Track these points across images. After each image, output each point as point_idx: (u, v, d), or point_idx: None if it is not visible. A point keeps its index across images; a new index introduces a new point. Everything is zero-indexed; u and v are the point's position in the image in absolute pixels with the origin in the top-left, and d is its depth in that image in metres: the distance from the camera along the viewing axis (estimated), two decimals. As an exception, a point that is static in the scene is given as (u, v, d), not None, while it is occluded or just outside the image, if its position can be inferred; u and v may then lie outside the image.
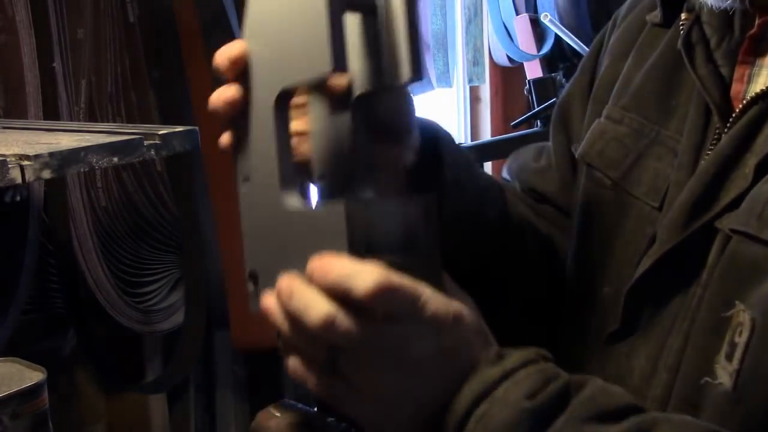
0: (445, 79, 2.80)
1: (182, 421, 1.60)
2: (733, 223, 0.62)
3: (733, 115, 0.67)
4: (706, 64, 0.70)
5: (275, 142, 0.58)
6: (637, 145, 0.76)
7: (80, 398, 1.38)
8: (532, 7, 3.35)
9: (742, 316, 0.60)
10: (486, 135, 3.41)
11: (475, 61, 3.07)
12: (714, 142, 0.68)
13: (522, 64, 3.41)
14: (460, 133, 3.34)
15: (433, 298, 0.53)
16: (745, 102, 0.65)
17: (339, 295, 0.51)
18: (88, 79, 1.26)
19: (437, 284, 0.55)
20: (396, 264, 0.53)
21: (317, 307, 0.51)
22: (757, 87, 0.67)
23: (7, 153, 0.61)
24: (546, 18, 3.23)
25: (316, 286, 0.52)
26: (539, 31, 3.37)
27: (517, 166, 0.98)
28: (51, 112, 1.13)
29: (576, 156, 0.84)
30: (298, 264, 0.54)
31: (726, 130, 0.67)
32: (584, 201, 0.82)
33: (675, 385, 0.66)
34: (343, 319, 0.51)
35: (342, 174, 0.62)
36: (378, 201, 0.58)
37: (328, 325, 0.51)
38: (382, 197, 0.59)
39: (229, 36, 1.38)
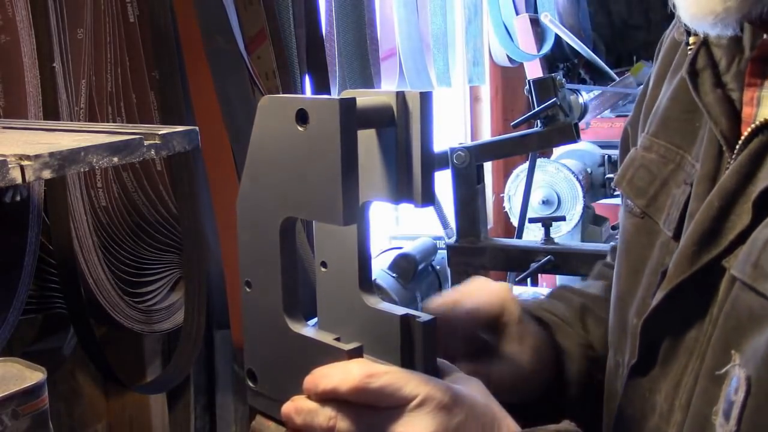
0: (445, 79, 2.80)
1: (182, 421, 1.60)
2: (734, 266, 0.60)
3: (737, 146, 0.64)
4: (713, 90, 0.67)
5: (279, 266, 0.61)
6: (662, 171, 0.74)
7: (80, 398, 1.38)
8: (532, 7, 3.36)
9: (738, 371, 0.58)
10: (486, 135, 3.41)
11: (475, 61, 3.07)
12: (727, 171, 0.65)
13: (522, 64, 3.42)
14: (460, 133, 3.34)
15: (424, 384, 0.58)
16: (748, 131, 0.62)
17: (331, 398, 0.58)
18: (88, 79, 1.26)
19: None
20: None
21: (320, 415, 0.59)
22: (764, 110, 0.64)
23: (7, 153, 0.60)
24: (546, 18, 3.23)
25: (313, 397, 0.60)
26: (539, 31, 3.38)
27: None
28: (51, 112, 1.13)
29: (612, 184, 0.83)
30: (296, 375, 0.61)
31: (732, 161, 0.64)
32: (622, 229, 0.81)
33: (684, 427, 0.64)
34: (343, 419, 0.58)
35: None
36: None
37: (332, 425, 0.58)
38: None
39: (229, 36, 1.38)
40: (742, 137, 0.63)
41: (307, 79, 1.68)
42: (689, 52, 0.70)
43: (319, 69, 1.72)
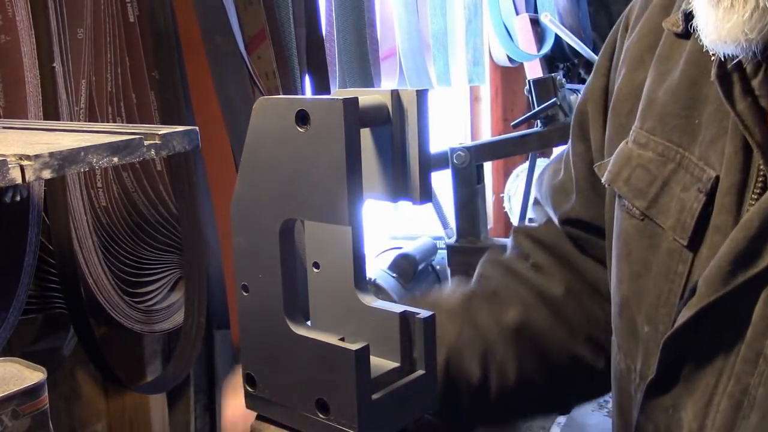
0: (445, 79, 2.80)
1: (182, 421, 1.60)
2: None
3: None
4: (744, 98, 0.64)
5: (279, 266, 0.60)
6: (662, 171, 0.72)
7: (80, 398, 1.38)
8: (532, 7, 3.35)
9: None
10: (486, 135, 3.41)
11: (475, 61, 3.06)
12: (760, 184, 0.63)
13: (522, 64, 3.41)
14: (460, 133, 3.34)
15: None
16: None
17: None
18: (88, 79, 1.26)
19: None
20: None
21: None
22: None
23: (7, 153, 0.61)
24: (546, 18, 3.22)
25: None
26: (539, 31, 3.37)
27: (547, 187, 0.96)
28: (51, 112, 1.13)
29: (602, 181, 0.80)
30: (299, 377, 0.60)
31: None
32: (618, 230, 0.78)
33: None
34: None
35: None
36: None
37: None
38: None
39: (229, 36, 1.38)
40: None
41: (307, 79, 1.68)
42: (712, 57, 0.67)
43: (319, 69, 1.72)
